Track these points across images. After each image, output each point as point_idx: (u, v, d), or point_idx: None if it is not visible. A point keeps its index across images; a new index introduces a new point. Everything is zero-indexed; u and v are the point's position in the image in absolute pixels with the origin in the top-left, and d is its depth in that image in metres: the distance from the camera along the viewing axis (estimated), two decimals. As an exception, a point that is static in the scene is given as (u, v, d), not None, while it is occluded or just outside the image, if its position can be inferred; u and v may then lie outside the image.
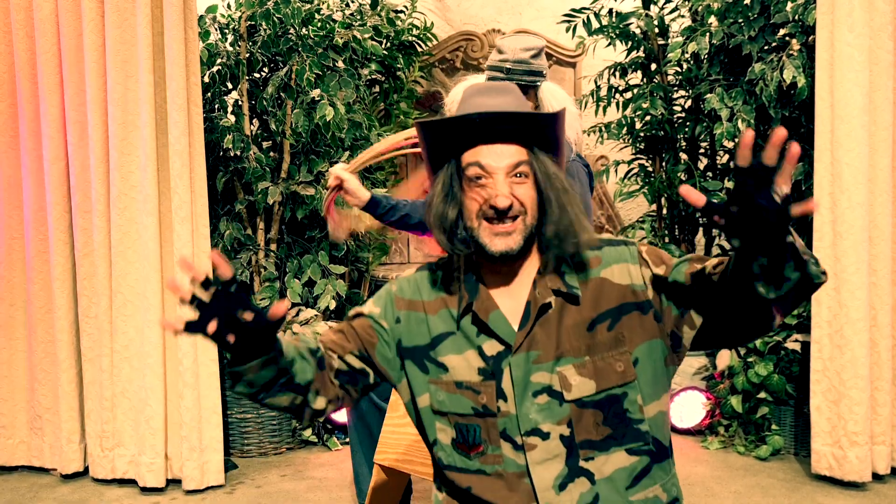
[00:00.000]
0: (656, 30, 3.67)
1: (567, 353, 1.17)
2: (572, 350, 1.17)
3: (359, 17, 3.69)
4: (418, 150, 2.04)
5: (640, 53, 3.77)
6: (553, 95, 2.11)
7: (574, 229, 1.17)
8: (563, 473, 1.15)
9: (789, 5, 3.15)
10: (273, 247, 3.57)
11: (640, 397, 1.18)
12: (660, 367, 1.20)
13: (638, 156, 3.89)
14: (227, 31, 3.53)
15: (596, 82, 3.85)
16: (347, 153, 3.57)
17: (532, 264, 1.23)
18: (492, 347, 1.20)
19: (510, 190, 1.15)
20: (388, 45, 3.88)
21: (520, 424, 1.17)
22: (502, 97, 1.19)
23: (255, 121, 3.65)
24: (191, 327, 1.01)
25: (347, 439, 3.46)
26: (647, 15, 3.60)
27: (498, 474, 1.18)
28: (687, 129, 3.68)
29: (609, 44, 3.78)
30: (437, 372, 1.22)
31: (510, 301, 1.22)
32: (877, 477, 2.82)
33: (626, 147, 3.93)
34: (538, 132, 1.17)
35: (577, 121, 2.18)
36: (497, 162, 1.15)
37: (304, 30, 3.53)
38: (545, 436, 1.16)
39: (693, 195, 0.93)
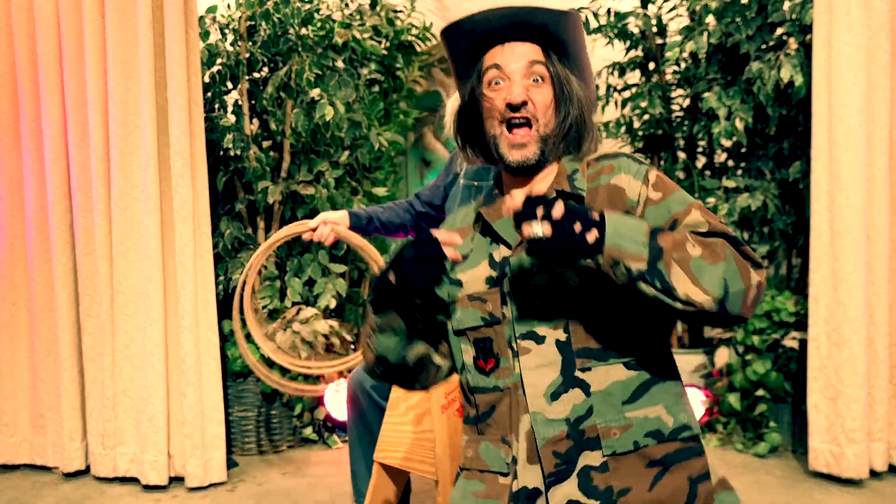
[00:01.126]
0: (654, 29, 3.68)
1: None
2: None
3: (358, 17, 3.70)
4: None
5: (639, 53, 3.78)
6: None
7: (584, 131, 1.20)
8: (558, 382, 1.11)
9: (786, 4, 3.16)
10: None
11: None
12: None
13: (636, 154, 3.91)
14: (227, 31, 3.55)
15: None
16: (347, 152, 3.58)
17: (553, 175, 1.23)
18: (500, 253, 1.20)
19: (525, 90, 1.16)
20: (388, 44, 3.89)
21: (515, 327, 1.15)
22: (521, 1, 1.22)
23: (255, 120, 3.66)
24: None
25: (347, 437, 3.48)
26: (645, 14, 3.61)
27: (507, 388, 1.15)
28: (685, 128, 3.70)
29: (607, 43, 3.79)
30: (455, 291, 1.23)
31: None
32: (874, 474, 2.84)
33: (624, 146, 3.95)
34: (552, 32, 1.18)
35: None
36: (514, 62, 1.17)
37: (303, 30, 3.54)
38: (540, 339, 1.13)
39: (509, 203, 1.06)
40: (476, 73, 1.22)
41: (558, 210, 1.00)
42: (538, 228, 1.00)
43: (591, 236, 1.01)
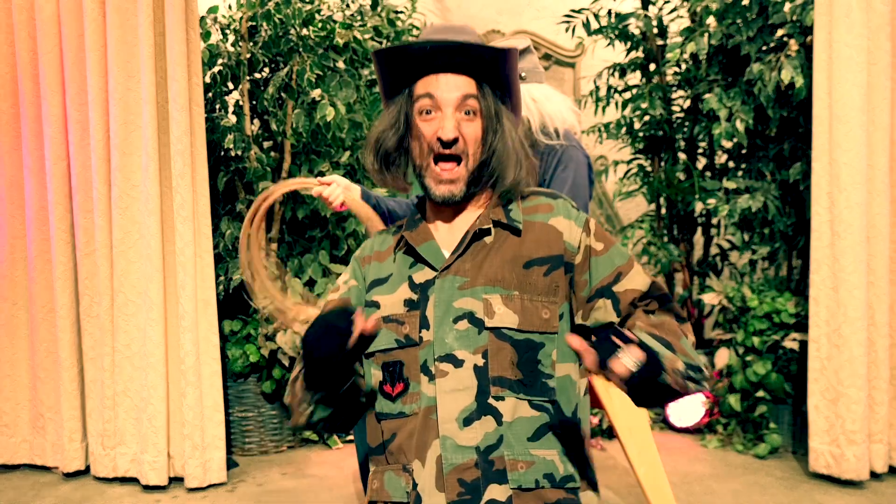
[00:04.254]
0: (655, 30, 3.68)
1: (498, 282, 1.16)
2: (503, 281, 1.16)
3: (359, 18, 3.70)
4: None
5: (640, 54, 3.79)
6: (529, 93, 2.15)
7: (510, 164, 1.20)
8: (471, 408, 1.11)
9: (787, 6, 3.17)
10: (274, 246, 3.58)
11: (556, 353, 1.16)
12: (568, 331, 1.20)
13: (637, 156, 3.91)
14: (228, 31, 3.55)
15: (595, 82, 3.87)
16: (348, 153, 3.58)
17: (480, 206, 1.25)
18: (422, 276, 1.20)
19: (457, 125, 1.17)
20: (389, 45, 3.90)
21: (434, 349, 1.14)
22: (459, 36, 1.26)
23: (255, 121, 3.67)
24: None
25: (349, 437, 3.48)
26: (646, 16, 3.61)
27: (414, 414, 1.14)
28: (685, 130, 3.70)
29: (608, 44, 3.80)
30: (369, 313, 1.22)
31: (450, 236, 1.24)
32: (874, 475, 2.84)
33: (625, 147, 3.95)
34: (488, 67, 1.19)
35: (566, 107, 2.22)
36: (447, 93, 1.18)
37: (304, 30, 3.55)
38: (459, 363, 1.13)
39: (575, 345, 1.01)
40: (407, 97, 1.23)
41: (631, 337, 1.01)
42: (629, 358, 0.97)
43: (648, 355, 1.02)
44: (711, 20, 3.39)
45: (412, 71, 1.21)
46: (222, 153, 3.52)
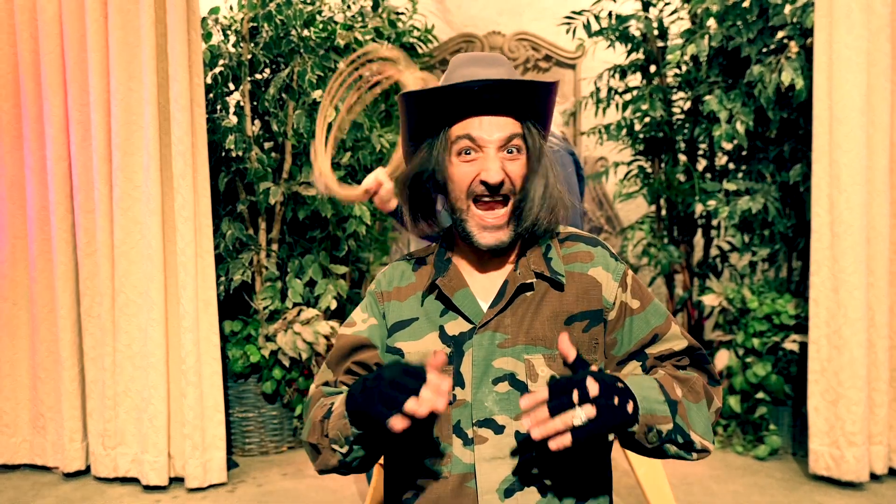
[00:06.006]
0: (656, 32, 3.69)
1: (540, 341, 1.06)
2: (546, 339, 1.07)
3: (360, 19, 3.71)
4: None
5: (640, 55, 3.79)
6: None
7: (545, 208, 1.09)
8: (513, 479, 1.02)
9: (788, 8, 3.17)
10: (275, 247, 3.59)
11: None
12: None
13: (637, 157, 3.91)
14: (229, 32, 3.55)
15: (596, 84, 3.87)
16: (349, 154, 3.59)
17: (517, 251, 1.15)
18: (455, 327, 1.09)
19: (502, 165, 1.06)
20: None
21: (473, 413, 1.05)
22: (494, 68, 1.10)
23: (256, 122, 3.67)
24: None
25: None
26: (646, 17, 3.62)
27: (445, 478, 1.05)
28: (686, 131, 3.70)
29: (609, 46, 3.80)
30: (388, 360, 1.13)
31: (484, 281, 1.13)
32: (874, 477, 2.84)
33: (625, 148, 3.95)
34: (533, 104, 1.09)
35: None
36: (489, 134, 1.06)
37: (305, 31, 3.55)
38: (499, 429, 1.03)
39: (564, 348, 0.97)
40: (442, 141, 1.09)
41: (594, 388, 0.91)
42: (581, 414, 0.90)
43: (631, 406, 0.94)
44: (712, 22, 3.39)
45: (448, 112, 1.08)
46: (223, 154, 3.52)
